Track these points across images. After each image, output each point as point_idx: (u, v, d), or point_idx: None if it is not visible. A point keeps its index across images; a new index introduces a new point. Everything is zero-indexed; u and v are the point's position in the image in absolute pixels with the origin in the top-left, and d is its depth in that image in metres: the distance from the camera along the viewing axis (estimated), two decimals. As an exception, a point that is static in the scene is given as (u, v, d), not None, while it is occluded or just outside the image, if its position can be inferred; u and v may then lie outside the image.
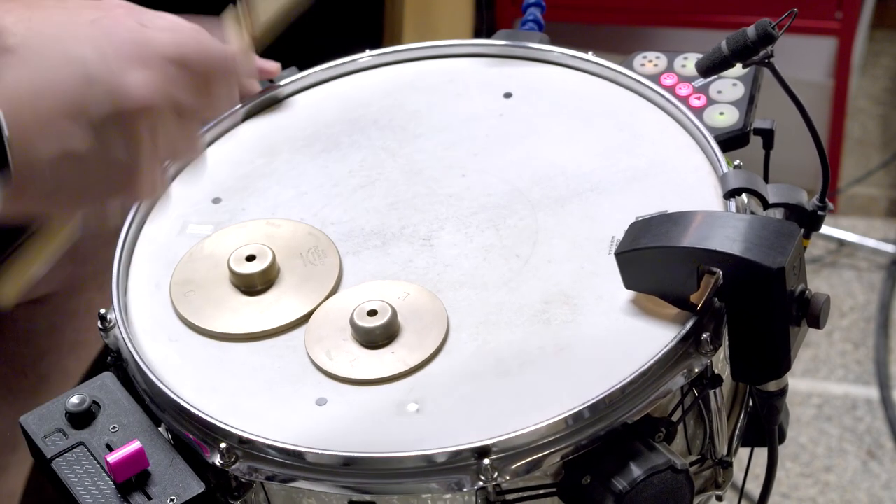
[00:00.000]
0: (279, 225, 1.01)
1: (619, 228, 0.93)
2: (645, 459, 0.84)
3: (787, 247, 0.85)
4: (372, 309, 0.92)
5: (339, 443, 0.86)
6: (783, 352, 0.88)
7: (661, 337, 0.88)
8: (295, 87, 1.12)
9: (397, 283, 0.95)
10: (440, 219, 1.01)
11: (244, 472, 0.87)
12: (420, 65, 1.14)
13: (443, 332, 0.92)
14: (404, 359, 0.90)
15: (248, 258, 0.97)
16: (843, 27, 2.22)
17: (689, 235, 0.87)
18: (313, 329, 0.93)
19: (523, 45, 1.13)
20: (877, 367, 2.13)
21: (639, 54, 1.11)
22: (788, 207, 0.99)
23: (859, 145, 2.51)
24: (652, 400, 0.86)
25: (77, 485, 0.88)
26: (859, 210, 2.40)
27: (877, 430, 2.05)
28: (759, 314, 0.87)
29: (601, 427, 0.85)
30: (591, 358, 0.89)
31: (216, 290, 0.96)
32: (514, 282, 0.95)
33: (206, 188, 1.06)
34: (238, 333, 0.94)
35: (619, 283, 0.91)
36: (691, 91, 1.08)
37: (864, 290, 2.26)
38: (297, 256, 0.98)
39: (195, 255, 0.99)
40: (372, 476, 0.85)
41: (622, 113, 1.06)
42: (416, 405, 0.88)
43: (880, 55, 2.69)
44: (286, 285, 0.97)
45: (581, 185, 1.01)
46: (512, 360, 0.90)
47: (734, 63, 0.95)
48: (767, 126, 1.05)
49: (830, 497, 1.97)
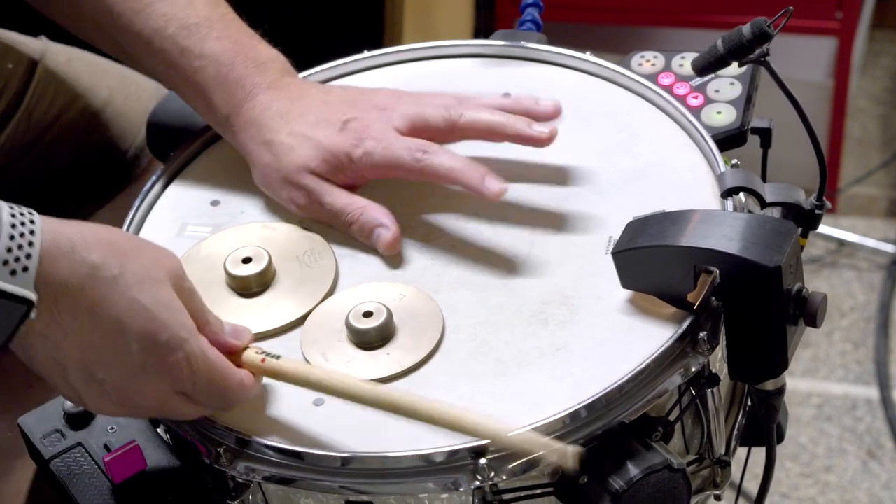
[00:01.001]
0: (275, 228, 1.01)
1: (616, 228, 0.93)
2: (642, 459, 0.84)
3: (783, 245, 0.85)
4: (368, 310, 0.92)
5: (337, 443, 0.86)
6: (780, 351, 0.88)
7: (659, 336, 0.88)
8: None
9: (393, 285, 0.95)
10: (438, 220, 1.01)
11: (241, 473, 0.87)
12: (420, 65, 1.15)
13: (438, 333, 0.92)
14: (399, 360, 0.90)
15: (244, 260, 0.97)
16: (843, 27, 2.22)
17: (686, 234, 0.87)
18: (309, 331, 0.93)
19: (521, 45, 1.13)
20: (877, 367, 2.13)
21: (636, 54, 1.11)
22: (786, 206, 0.99)
23: (859, 145, 2.51)
24: (649, 399, 0.86)
25: (75, 485, 0.88)
26: (859, 210, 2.39)
27: (877, 430, 2.04)
28: (756, 313, 0.87)
29: (598, 426, 0.85)
30: (589, 357, 0.89)
31: (212, 292, 0.96)
32: (512, 282, 0.95)
33: (204, 190, 1.06)
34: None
35: (616, 282, 0.91)
36: (689, 90, 1.08)
37: (864, 290, 2.26)
38: (293, 259, 0.98)
39: (191, 258, 0.99)
40: (369, 476, 0.85)
41: (620, 112, 1.06)
42: (413, 405, 0.88)
43: (880, 55, 2.69)
44: (282, 287, 0.97)
45: (579, 185, 1.01)
46: (510, 360, 0.90)
47: (730, 61, 0.95)
48: (765, 125, 1.05)
49: (830, 497, 1.96)
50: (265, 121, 1.01)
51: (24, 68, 1.24)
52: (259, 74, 1.02)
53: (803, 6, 1.04)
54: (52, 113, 1.25)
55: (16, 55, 1.25)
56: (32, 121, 1.24)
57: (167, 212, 1.05)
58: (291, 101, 1.01)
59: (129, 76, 1.31)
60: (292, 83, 1.03)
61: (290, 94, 1.02)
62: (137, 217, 1.04)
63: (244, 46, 1.03)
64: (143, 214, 1.04)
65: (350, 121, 1.00)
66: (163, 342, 0.82)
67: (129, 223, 1.03)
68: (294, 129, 1.00)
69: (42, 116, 1.25)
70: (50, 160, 1.26)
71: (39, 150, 1.25)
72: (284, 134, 1.00)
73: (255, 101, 1.01)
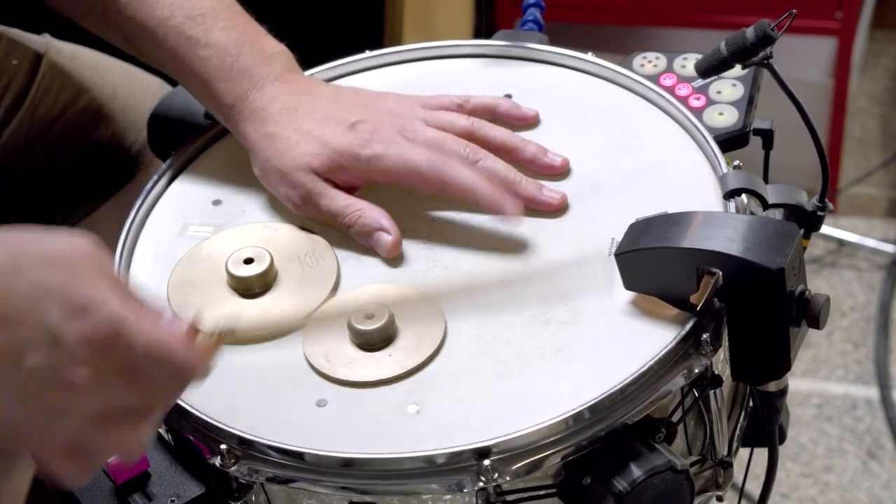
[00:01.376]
0: (277, 228, 1.01)
1: (618, 229, 0.93)
2: (645, 460, 0.84)
3: (786, 247, 0.85)
4: (370, 312, 0.92)
5: (340, 444, 0.86)
6: (783, 352, 0.88)
7: (661, 337, 0.88)
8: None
9: (395, 286, 0.95)
10: (440, 221, 1.01)
11: (245, 474, 0.87)
12: (420, 65, 1.15)
13: (440, 334, 0.92)
14: (401, 361, 0.90)
15: (245, 261, 0.97)
16: (843, 27, 2.22)
17: (689, 236, 0.87)
18: (311, 332, 0.94)
19: (523, 45, 1.13)
20: (877, 367, 2.13)
21: (638, 54, 1.11)
22: (788, 208, 0.99)
23: (859, 145, 2.51)
24: (652, 400, 0.86)
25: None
26: (859, 210, 2.40)
27: (877, 430, 2.05)
28: (758, 315, 0.87)
29: (601, 427, 0.85)
30: (591, 358, 0.89)
31: (214, 293, 0.96)
32: (514, 283, 0.95)
33: (206, 190, 1.06)
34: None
35: (619, 283, 0.91)
36: (691, 91, 1.08)
37: (864, 290, 2.26)
38: (294, 260, 0.98)
39: (193, 258, 0.99)
40: (372, 477, 0.85)
41: (622, 113, 1.06)
42: (416, 406, 0.88)
43: (880, 55, 2.69)
44: (284, 288, 0.97)
45: (581, 186, 1.01)
46: (512, 361, 0.90)
47: (733, 64, 0.95)
48: (767, 126, 1.05)
49: (830, 497, 1.97)
50: (271, 112, 1.00)
51: (29, 65, 1.25)
52: (266, 66, 1.01)
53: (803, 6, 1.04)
54: (55, 109, 1.25)
55: (20, 52, 1.25)
56: (36, 117, 1.24)
57: (169, 211, 1.05)
58: (298, 96, 1.01)
59: (133, 73, 1.31)
60: (300, 78, 1.03)
61: (297, 89, 1.01)
62: (139, 216, 1.04)
63: (251, 37, 1.03)
64: (144, 213, 1.04)
65: (360, 122, 0.99)
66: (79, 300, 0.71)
67: (131, 222, 1.03)
68: (301, 125, 0.99)
69: (46, 113, 1.25)
70: (54, 156, 1.26)
71: (43, 146, 1.25)
72: (291, 129, 0.99)
73: (261, 92, 1.01)
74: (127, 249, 1.01)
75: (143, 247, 1.02)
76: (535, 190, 0.99)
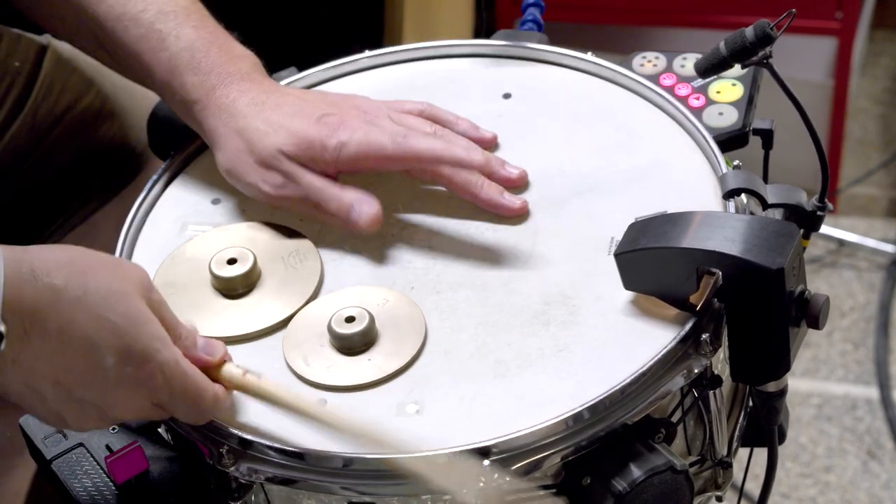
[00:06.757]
0: (260, 228, 1.01)
1: (618, 229, 0.93)
2: (645, 460, 0.84)
3: (786, 247, 0.85)
4: (350, 315, 0.91)
5: (339, 444, 0.86)
6: (783, 352, 0.88)
7: (661, 338, 0.88)
8: (294, 87, 1.12)
9: (378, 289, 0.95)
10: (440, 219, 1.01)
11: (244, 474, 0.87)
12: (420, 65, 1.15)
13: (420, 339, 0.91)
14: (381, 365, 0.90)
15: (229, 261, 0.97)
16: (843, 27, 2.22)
17: (689, 236, 0.87)
18: (291, 335, 0.93)
19: (522, 45, 1.13)
20: (877, 367, 2.13)
21: (638, 54, 1.11)
22: (788, 208, 0.99)
23: (859, 145, 2.51)
24: (652, 401, 0.86)
25: (77, 486, 0.88)
26: (859, 210, 2.40)
27: (877, 430, 2.05)
28: (758, 315, 0.87)
29: (601, 428, 0.85)
30: (591, 359, 0.89)
31: (197, 293, 0.96)
32: (514, 282, 0.95)
33: (205, 189, 1.06)
34: (219, 336, 0.93)
35: (618, 283, 0.91)
36: (690, 91, 1.08)
37: (864, 290, 2.26)
38: (278, 260, 0.98)
39: (177, 258, 0.99)
40: (372, 477, 0.85)
41: (621, 113, 1.06)
42: (415, 406, 0.88)
43: (880, 55, 2.69)
44: (267, 289, 0.96)
45: (580, 186, 1.01)
46: (511, 360, 0.90)
47: (733, 64, 0.95)
48: (767, 126, 1.05)
49: (830, 497, 1.97)
50: (239, 108, 1.01)
51: (30, 66, 1.25)
52: (233, 65, 1.03)
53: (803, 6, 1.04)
54: (57, 110, 1.25)
55: (22, 53, 1.25)
56: (38, 118, 1.24)
57: (169, 210, 1.05)
58: (266, 94, 1.02)
59: None
60: (265, 80, 1.04)
61: (264, 88, 1.02)
62: (139, 216, 1.04)
63: (219, 38, 1.04)
64: (144, 213, 1.04)
65: (327, 115, 1.00)
66: (136, 354, 0.82)
67: (131, 221, 1.03)
68: (269, 117, 1.00)
69: (48, 114, 1.25)
70: (56, 156, 1.26)
71: (45, 147, 1.25)
72: (259, 121, 1.00)
73: (228, 89, 1.01)
74: (127, 248, 1.01)
75: (143, 246, 1.02)
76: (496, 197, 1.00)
